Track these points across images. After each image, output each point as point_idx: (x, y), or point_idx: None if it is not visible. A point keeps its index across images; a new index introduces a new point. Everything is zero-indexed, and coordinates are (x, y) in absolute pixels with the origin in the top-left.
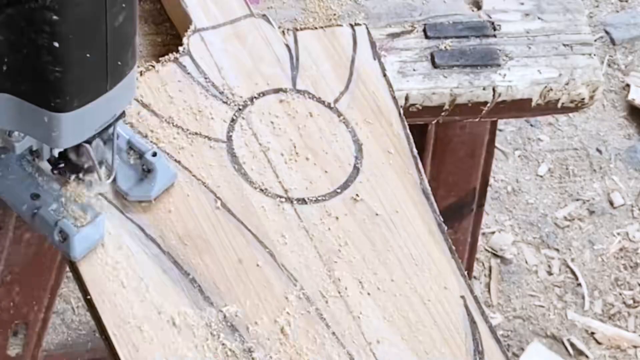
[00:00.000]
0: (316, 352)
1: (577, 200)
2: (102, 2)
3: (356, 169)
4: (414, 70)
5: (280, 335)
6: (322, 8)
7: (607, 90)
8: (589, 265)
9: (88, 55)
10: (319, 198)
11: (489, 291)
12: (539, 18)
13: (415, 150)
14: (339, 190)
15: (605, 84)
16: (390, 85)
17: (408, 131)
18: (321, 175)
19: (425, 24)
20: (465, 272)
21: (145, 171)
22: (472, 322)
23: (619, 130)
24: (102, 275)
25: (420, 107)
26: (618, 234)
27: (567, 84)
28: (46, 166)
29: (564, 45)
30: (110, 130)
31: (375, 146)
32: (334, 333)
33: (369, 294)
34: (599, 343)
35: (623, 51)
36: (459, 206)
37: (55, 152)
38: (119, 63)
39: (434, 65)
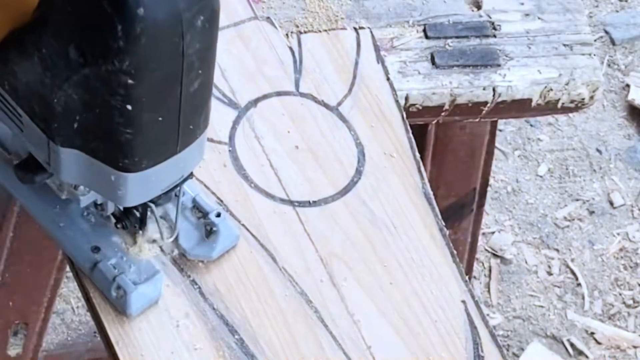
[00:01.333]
0: (316, 355)
1: (577, 200)
2: (178, 68)
3: (358, 172)
4: (414, 70)
5: (281, 337)
6: (322, 8)
7: (607, 90)
8: (589, 265)
9: (160, 118)
10: (321, 201)
11: (489, 291)
12: (539, 18)
13: (417, 155)
14: (340, 193)
15: (605, 84)
16: (393, 89)
17: (411, 135)
18: (323, 178)
19: (425, 24)
20: (467, 277)
21: (208, 231)
22: (473, 327)
23: (619, 130)
24: None
25: (420, 107)
26: (618, 234)
27: (567, 84)
28: (109, 220)
29: (564, 45)
30: (177, 189)
31: (377, 150)
32: (334, 336)
33: (369, 297)
34: (598, 343)
35: (623, 51)
36: (459, 206)
37: (120, 207)
38: (191, 127)
39: (434, 65)
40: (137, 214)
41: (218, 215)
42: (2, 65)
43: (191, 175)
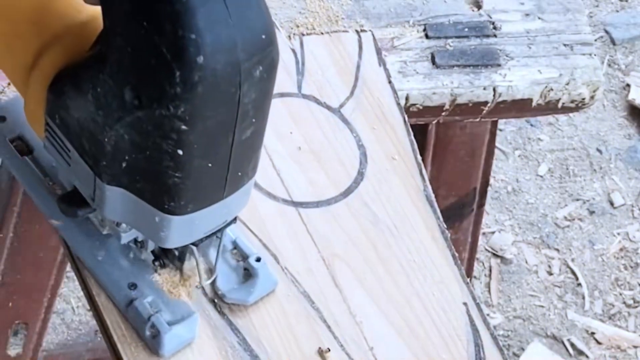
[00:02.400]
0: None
1: (577, 200)
2: (233, 116)
3: (360, 174)
4: (415, 70)
5: (283, 337)
6: (322, 8)
7: (607, 90)
8: (589, 265)
9: (210, 165)
10: (323, 202)
11: (489, 291)
12: (539, 18)
13: (419, 157)
14: (343, 195)
15: (606, 83)
16: (395, 92)
17: (412, 138)
18: (325, 180)
19: (425, 24)
20: (468, 279)
21: (247, 275)
22: (474, 329)
23: (619, 130)
24: None
25: (421, 107)
26: (618, 234)
27: (567, 84)
28: (148, 257)
29: (564, 45)
30: (219, 232)
31: (379, 152)
32: (336, 337)
33: (371, 298)
34: (599, 343)
35: (623, 51)
36: (459, 206)
37: None
38: (239, 174)
39: (435, 65)
40: (177, 254)
41: (258, 259)
42: (55, 99)
43: (235, 219)
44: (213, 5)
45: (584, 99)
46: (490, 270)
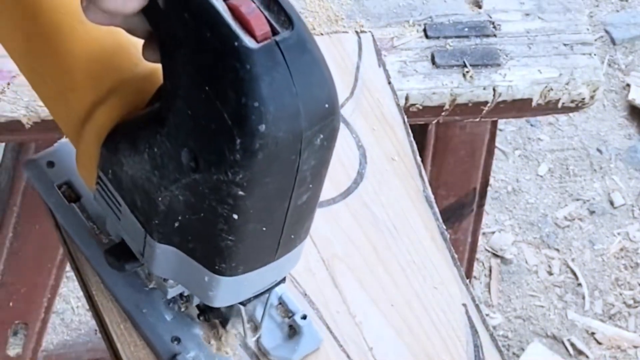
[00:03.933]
0: (318, 356)
1: (578, 200)
2: (291, 183)
3: (360, 175)
4: (415, 70)
5: None
6: (322, 8)
7: (607, 90)
8: (589, 265)
9: (264, 229)
10: (323, 203)
11: (489, 291)
12: (539, 18)
13: (418, 158)
14: (342, 196)
15: (606, 83)
16: (394, 93)
17: (412, 139)
18: (325, 180)
19: (425, 24)
20: (467, 280)
21: (292, 332)
22: (474, 330)
23: (619, 130)
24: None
25: (421, 107)
26: (618, 234)
27: (567, 83)
28: (193, 311)
29: (564, 45)
30: (267, 292)
31: (379, 153)
32: (335, 337)
33: (371, 299)
34: (599, 343)
35: (623, 51)
36: (459, 206)
37: None
38: (292, 236)
39: (434, 64)
40: (222, 310)
41: (304, 317)
42: (109, 154)
43: (284, 279)
44: (277, 73)
45: (584, 98)
46: (490, 271)
